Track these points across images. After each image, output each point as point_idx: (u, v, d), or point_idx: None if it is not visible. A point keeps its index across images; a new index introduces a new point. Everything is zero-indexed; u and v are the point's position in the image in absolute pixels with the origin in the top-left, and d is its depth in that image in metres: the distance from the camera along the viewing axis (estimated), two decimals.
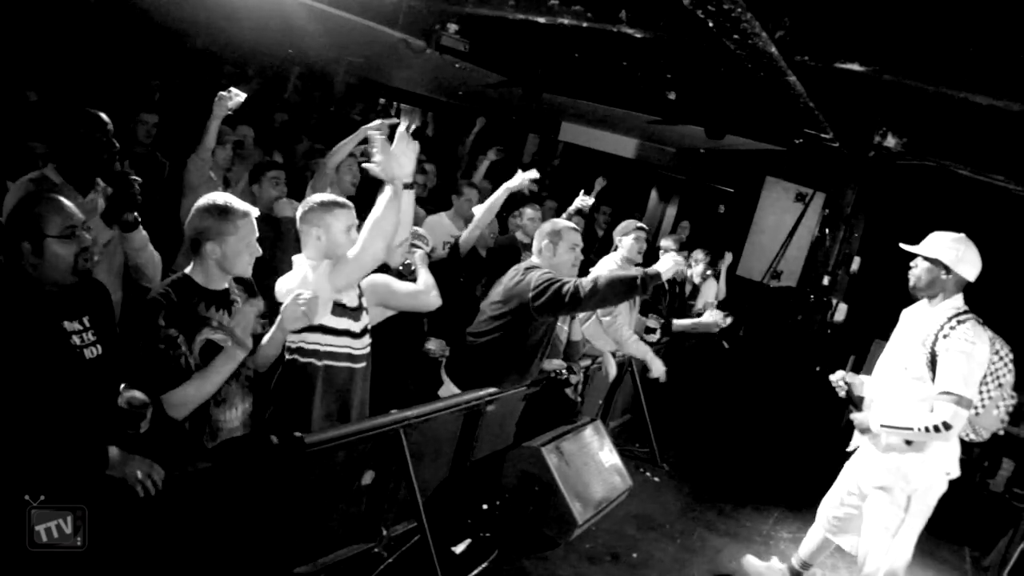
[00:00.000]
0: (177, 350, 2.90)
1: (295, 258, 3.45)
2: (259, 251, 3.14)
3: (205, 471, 2.96)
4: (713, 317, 6.54)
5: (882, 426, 3.82)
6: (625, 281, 4.02)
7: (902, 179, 8.00)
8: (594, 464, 4.85)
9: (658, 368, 5.66)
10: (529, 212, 5.96)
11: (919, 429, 3.64)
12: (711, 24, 4.58)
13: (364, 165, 3.33)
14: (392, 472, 3.91)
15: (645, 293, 4.15)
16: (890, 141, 7.73)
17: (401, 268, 4.24)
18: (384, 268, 4.05)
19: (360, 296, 3.52)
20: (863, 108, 7.37)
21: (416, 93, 13.72)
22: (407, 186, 3.29)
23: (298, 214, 3.43)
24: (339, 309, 3.34)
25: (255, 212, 3.15)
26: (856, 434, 4.18)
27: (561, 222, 4.59)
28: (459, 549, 4.30)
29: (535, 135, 13.64)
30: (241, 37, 10.37)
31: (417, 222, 5.00)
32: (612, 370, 5.55)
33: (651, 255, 7.05)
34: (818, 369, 8.17)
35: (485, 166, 7.78)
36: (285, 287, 3.33)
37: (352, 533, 3.88)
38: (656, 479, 5.99)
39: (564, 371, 4.86)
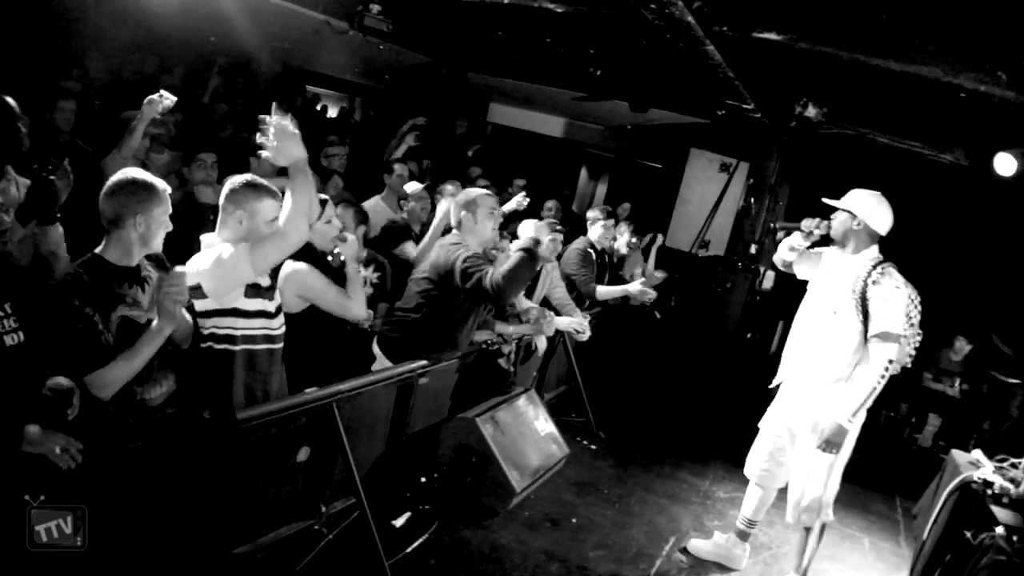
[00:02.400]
0: (95, 328, 2.86)
1: (204, 237, 3.38)
2: (170, 226, 3.10)
3: (136, 450, 2.94)
4: (638, 287, 6.70)
5: (852, 416, 3.93)
6: (521, 263, 4.13)
7: (824, 147, 8.21)
8: (530, 433, 4.93)
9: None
10: (449, 188, 5.94)
11: (876, 384, 3.88)
12: None
13: (260, 153, 3.30)
14: (328, 448, 3.92)
15: (537, 261, 4.32)
16: (811, 111, 7.94)
17: (330, 259, 4.18)
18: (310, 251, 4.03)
19: (272, 277, 3.50)
20: (783, 78, 7.54)
21: (343, 79, 13.59)
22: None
23: (224, 191, 3.37)
24: (253, 290, 3.30)
25: (169, 188, 3.11)
26: (780, 369, 4.40)
27: (475, 190, 4.65)
28: (399, 522, 4.34)
29: (464, 118, 13.63)
30: (163, 26, 10.16)
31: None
32: (542, 342, 5.63)
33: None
34: (748, 336, 8.38)
35: (403, 149, 7.79)
36: (196, 268, 3.23)
37: (291, 511, 3.87)
38: (593, 447, 6.10)
39: (495, 342, 4.92)
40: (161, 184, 3.06)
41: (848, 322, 4.00)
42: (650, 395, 7.56)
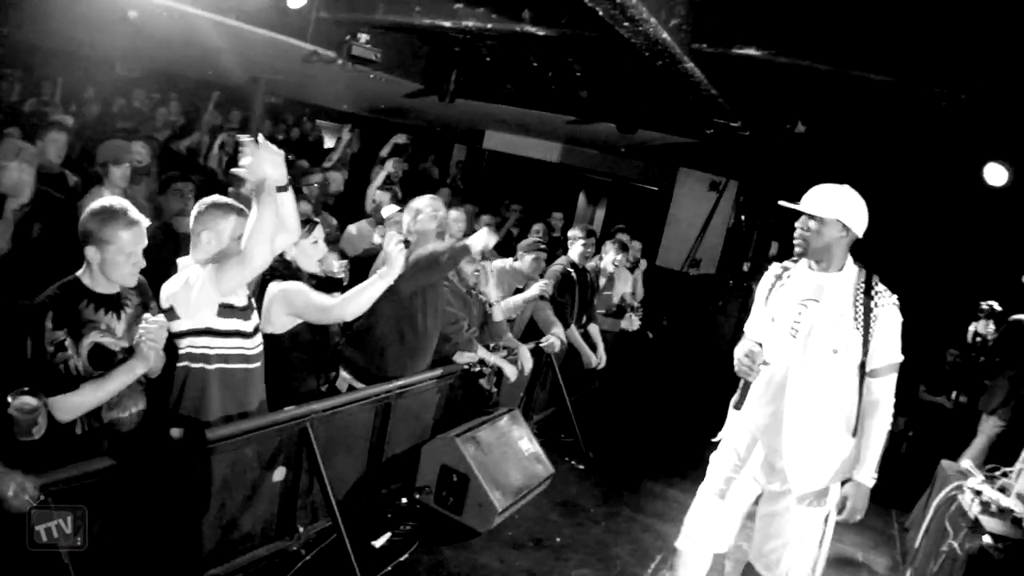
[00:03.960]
0: (64, 353, 2.87)
1: (180, 260, 3.40)
2: (142, 262, 3.06)
3: (106, 470, 2.92)
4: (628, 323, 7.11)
5: (876, 472, 3.32)
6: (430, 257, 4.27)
7: (812, 162, 8.21)
8: (512, 452, 4.90)
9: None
10: (454, 214, 6.03)
11: (890, 426, 3.33)
12: (601, 12, 4.70)
13: (234, 170, 3.33)
14: (305, 468, 3.91)
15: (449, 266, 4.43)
16: (800, 128, 7.96)
17: (322, 275, 4.24)
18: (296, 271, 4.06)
19: (250, 296, 3.50)
20: (768, 94, 7.56)
21: (338, 110, 13.72)
22: (281, 188, 3.29)
23: (192, 214, 3.40)
24: (226, 310, 3.30)
25: (145, 222, 3.08)
26: (730, 420, 3.66)
27: (422, 198, 4.71)
28: (379, 543, 4.29)
29: (461, 145, 13.73)
30: (159, 60, 10.33)
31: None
32: (527, 362, 5.60)
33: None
34: None
35: (383, 175, 7.88)
36: (168, 291, 3.26)
37: (268, 532, 3.86)
38: (581, 466, 6.03)
39: (476, 364, 4.92)
40: (128, 218, 3.00)
41: (851, 360, 3.25)
42: (641, 414, 7.51)
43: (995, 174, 7.08)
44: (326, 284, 4.28)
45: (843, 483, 3.36)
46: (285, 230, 3.61)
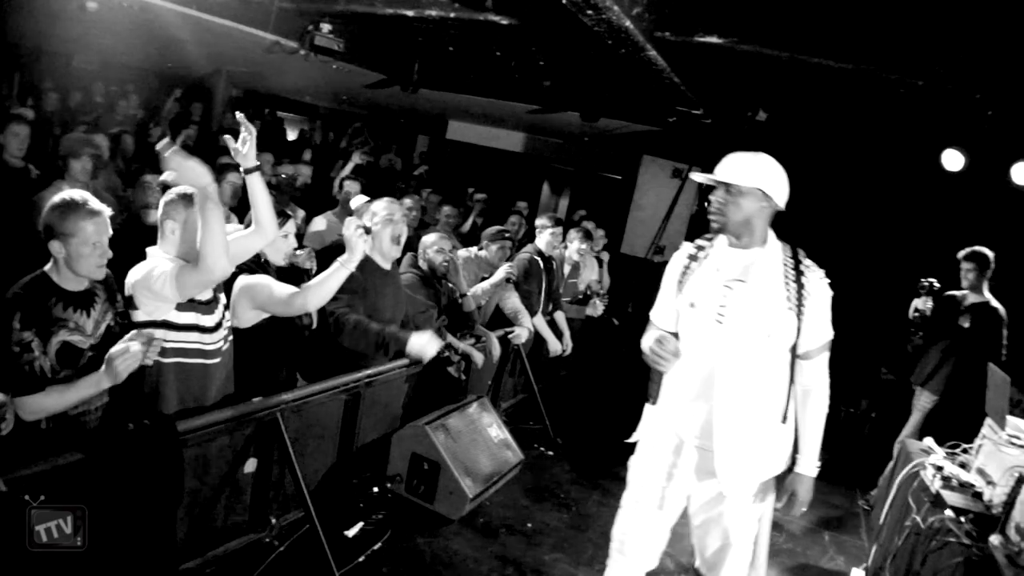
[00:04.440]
0: (30, 354, 2.84)
1: (149, 250, 3.36)
2: (108, 253, 3.02)
3: (76, 463, 2.89)
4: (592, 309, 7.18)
5: (817, 461, 3.12)
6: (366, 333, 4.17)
7: (773, 148, 8.31)
8: (482, 440, 4.92)
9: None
10: (408, 202, 6.01)
11: (827, 407, 3.11)
12: (564, 1, 4.73)
13: (162, 178, 3.31)
14: (275, 459, 3.90)
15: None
16: (761, 115, 8.04)
17: (287, 266, 4.22)
18: (264, 264, 4.03)
19: (216, 291, 3.47)
20: (730, 81, 7.64)
21: (302, 102, 13.63)
22: (251, 169, 3.33)
23: (159, 205, 3.38)
24: (187, 303, 3.27)
25: (107, 212, 3.05)
26: (646, 419, 3.48)
27: (379, 203, 4.57)
28: (351, 532, 4.30)
29: (424, 135, 13.69)
30: (118, 53, 10.18)
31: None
32: (496, 350, 5.63)
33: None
34: None
35: (350, 167, 7.88)
36: (131, 279, 3.23)
37: (240, 524, 3.85)
38: (550, 453, 6.08)
39: (445, 351, 4.92)
40: (89, 208, 2.97)
41: (784, 344, 2.99)
42: (608, 400, 7.56)
43: (952, 160, 7.25)
44: (293, 275, 4.26)
45: (782, 476, 3.16)
46: (261, 233, 3.60)
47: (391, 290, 4.53)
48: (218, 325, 3.45)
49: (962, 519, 3.77)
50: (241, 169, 3.47)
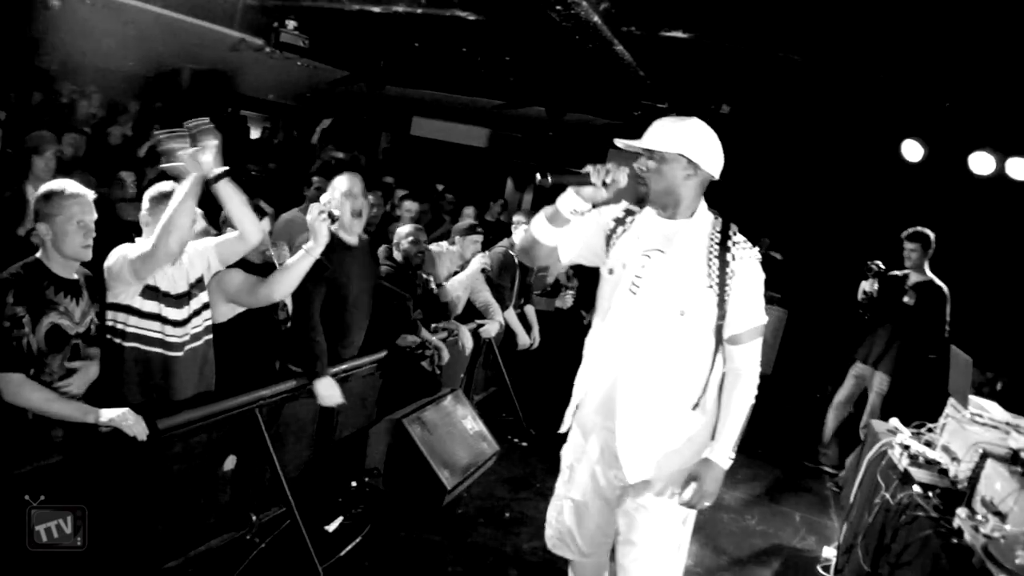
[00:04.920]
0: (21, 330, 2.89)
1: (137, 240, 3.36)
2: (92, 231, 3.08)
3: (57, 465, 2.89)
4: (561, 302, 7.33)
5: (733, 451, 2.80)
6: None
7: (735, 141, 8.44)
8: (458, 432, 4.96)
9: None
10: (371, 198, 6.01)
11: (753, 400, 2.84)
12: None
13: (163, 166, 3.31)
14: (254, 456, 3.90)
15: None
16: (724, 109, 8.17)
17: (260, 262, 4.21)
18: (244, 264, 4.01)
19: (193, 283, 3.47)
20: (695, 76, 7.74)
21: (265, 100, 13.51)
22: (218, 177, 3.30)
23: (144, 203, 3.42)
24: (150, 292, 3.30)
25: (90, 194, 3.12)
26: (581, 409, 3.10)
27: (339, 178, 4.39)
28: (332, 527, 4.31)
29: (387, 132, 13.66)
30: (79, 50, 10.03)
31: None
32: (468, 342, 5.67)
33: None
34: None
35: (318, 132, 7.90)
36: (108, 262, 3.28)
37: (221, 522, 3.85)
38: (524, 444, 6.14)
39: (416, 345, 4.96)
40: (70, 191, 3.06)
41: (702, 323, 2.74)
42: None
43: (912, 150, 7.43)
44: (264, 270, 4.24)
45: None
46: (244, 240, 3.59)
47: (357, 266, 4.38)
48: (186, 321, 3.44)
49: (929, 494, 3.87)
50: (208, 179, 3.35)
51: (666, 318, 2.73)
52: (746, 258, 2.74)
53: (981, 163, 7.11)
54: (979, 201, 7.61)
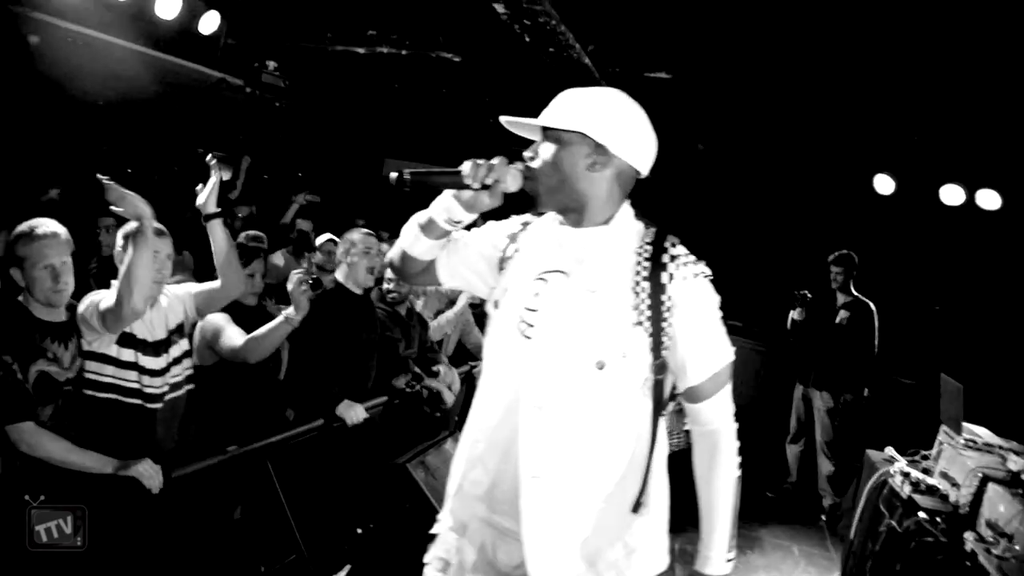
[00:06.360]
0: (13, 377, 2.78)
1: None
2: (66, 272, 2.94)
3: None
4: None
5: (733, 550, 1.98)
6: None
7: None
8: None
9: None
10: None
11: (738, 467, 2.01)
12: (527, 38, 4.85)
13: (112, 208, 3.16)
14: (262, 504, 3.85)
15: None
16: (700, 147, 8.32)
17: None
18: (236, 307, 3.98)
19: (173, 330, 3.37)
20: (674, 114, 7.89)
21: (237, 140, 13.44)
22: (214, 215, 3.31)
23: (117, 241, 3.32)
24: (127, 339, 3.15)
25: (63, 233, 2.98)
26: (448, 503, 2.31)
27: (356, 235, 4.48)
28: None
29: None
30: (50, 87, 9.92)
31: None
32: (455, 384, 5.64)
33: None
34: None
35: (295, 209, 7.87)
36: (80, 308, 3.10)
37: (230, 572, 3.79)
38: None
39: (416, 386, 4.95)
40: (40, 232, 2.92)
41: (632, 377, 1.91)
42: None
43: (884, 184, 7.67)
44: (262, 314, 4.21)
45: None
46: (224, 288, 3.54)
47: (363, 315, 4.47)
48: (164, 370, 3.29)
49: (937, 519, 3.93)
50: (202, 216, 3.40)
51: (576, 373, 1.90)
52: (688, 277, 1.90)
53: (951, 195, 7.36)
54: (950, 230, 7.81)
